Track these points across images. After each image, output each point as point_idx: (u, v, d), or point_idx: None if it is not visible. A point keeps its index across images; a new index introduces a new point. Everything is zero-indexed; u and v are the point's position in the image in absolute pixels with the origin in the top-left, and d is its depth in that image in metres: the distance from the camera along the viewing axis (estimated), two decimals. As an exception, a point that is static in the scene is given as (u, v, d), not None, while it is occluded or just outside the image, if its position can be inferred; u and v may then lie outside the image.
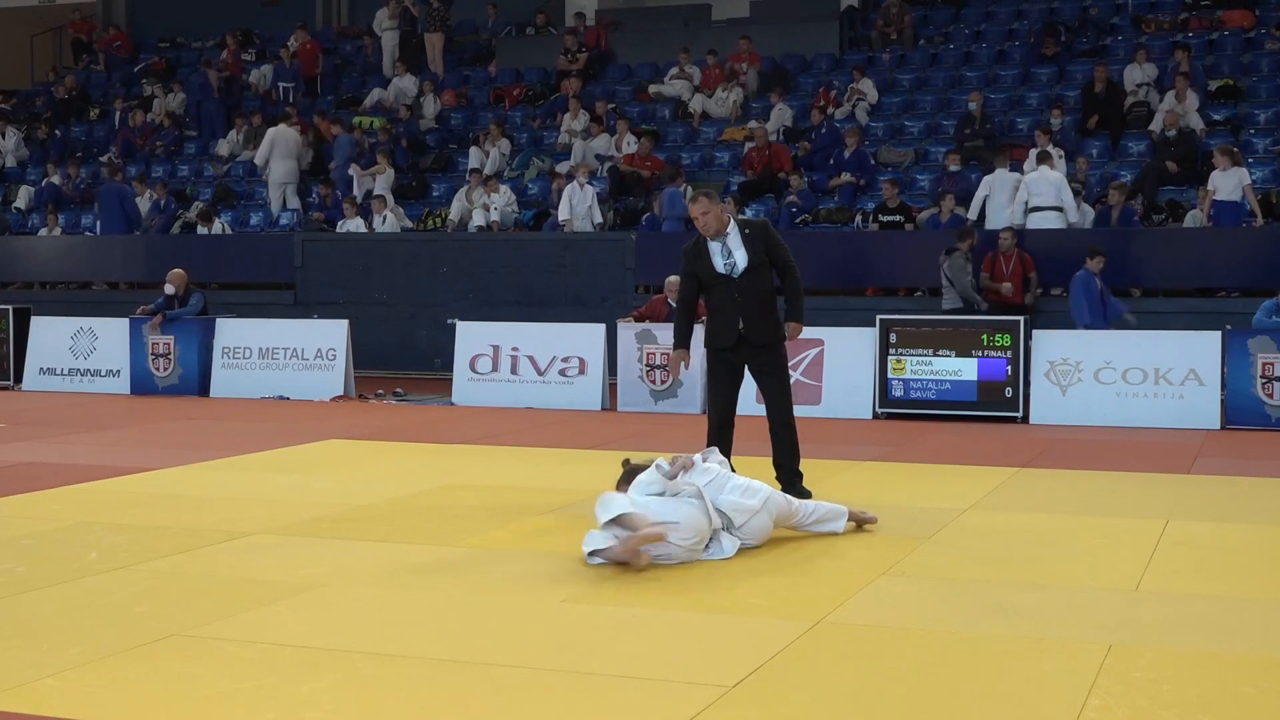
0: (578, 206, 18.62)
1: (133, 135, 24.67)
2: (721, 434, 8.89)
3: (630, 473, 7.41)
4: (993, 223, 16.91)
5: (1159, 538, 7.76)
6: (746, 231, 8.81)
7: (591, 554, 6.99)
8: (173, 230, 21.41)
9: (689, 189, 19.01)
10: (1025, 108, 20.54)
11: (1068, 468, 10.66)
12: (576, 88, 22.54)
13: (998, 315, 14.69)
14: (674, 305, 14.72)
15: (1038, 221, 16.62)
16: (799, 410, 9.66)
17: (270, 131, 21.96)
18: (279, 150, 21.67)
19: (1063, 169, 17.28)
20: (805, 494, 8.58)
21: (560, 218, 18.75)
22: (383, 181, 20.71)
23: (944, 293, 15.81)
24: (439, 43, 25.19)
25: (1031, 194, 16.75)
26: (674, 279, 14.83)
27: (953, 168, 18.21)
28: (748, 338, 8.77)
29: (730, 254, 8.76)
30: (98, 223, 21.63)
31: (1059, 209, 16.67)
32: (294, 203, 21.78)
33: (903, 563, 7.11)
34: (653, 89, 22.95)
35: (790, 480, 8.82)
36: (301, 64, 25.22)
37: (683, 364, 9.14)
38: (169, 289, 16.60)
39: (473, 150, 21.39)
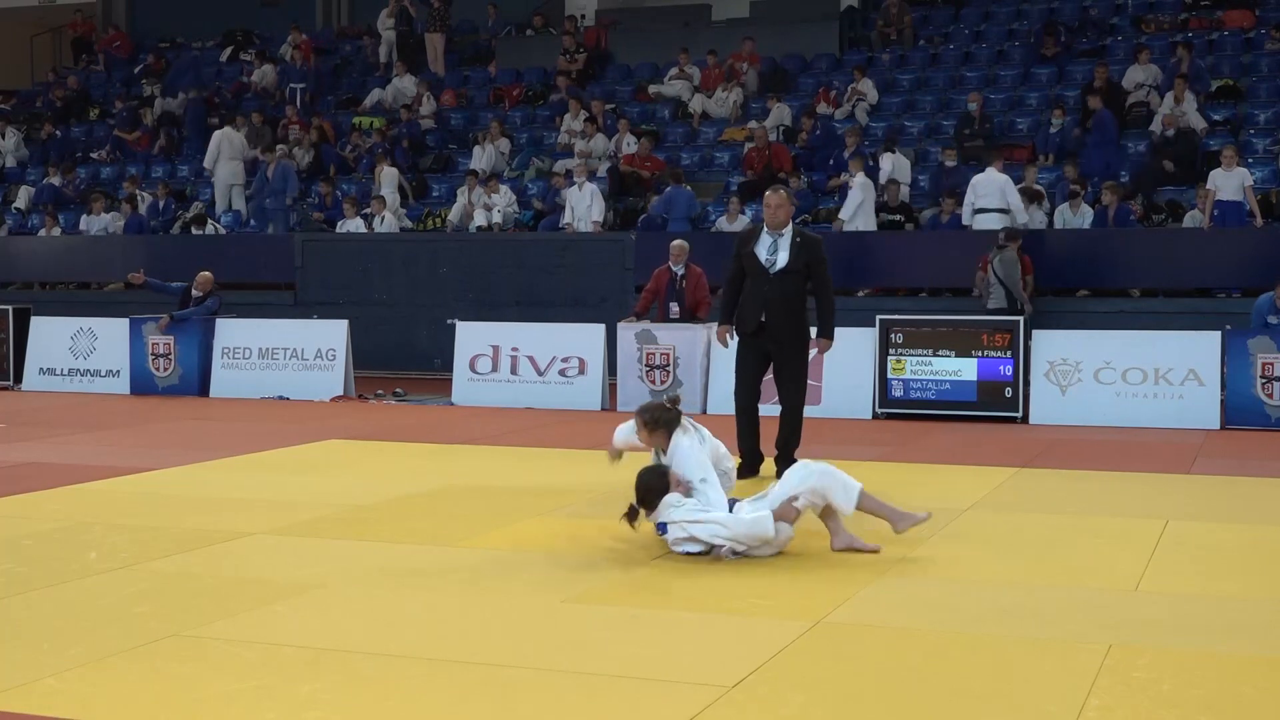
0: (578, 208, 18.65)
1: (126, 136, 24.72)
2: (746, 418, 9.56)
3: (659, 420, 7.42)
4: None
5: (1159, 538, 7.76)
6: (798, 239, 9.46)
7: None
8: (173, 230, 21.43)
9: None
10: (1025, 108, 20.54)
11: (1068, 468, 10.66)
12: (575, 88, 22.55)
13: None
14: (676, 272, 14.79)
15: (983, 223, 16.76)
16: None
17: (217, 134, 22.23)
18: (225, 152, 21.96)
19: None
20: None
21: (563, 221, 18.79)
22: (386, 182, 20.65)
23: (990, 291, 15.52)
24: (440, 43, 25.20)
25: (977, 195, 16.85)
26: (678, 243, 14.87)
27: (949, 163, 18.22)
28: (766, 329, 9.43)
29: (776, 251, 9.41)
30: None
31: (1004, 210, 16.78)
32: (239, 204, 21.92)
33: (902, 563, 7.11)
34: (652, 89, 22.95)
35: (784, 467, 9.09)
36: (306, 64, 25.29)
37: (728, 337, 9.86)
38: (197, 293, 16.66)
39: (476, 150, 21.38)
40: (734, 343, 9.82)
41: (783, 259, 9.36)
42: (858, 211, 17.59)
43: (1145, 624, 5.96)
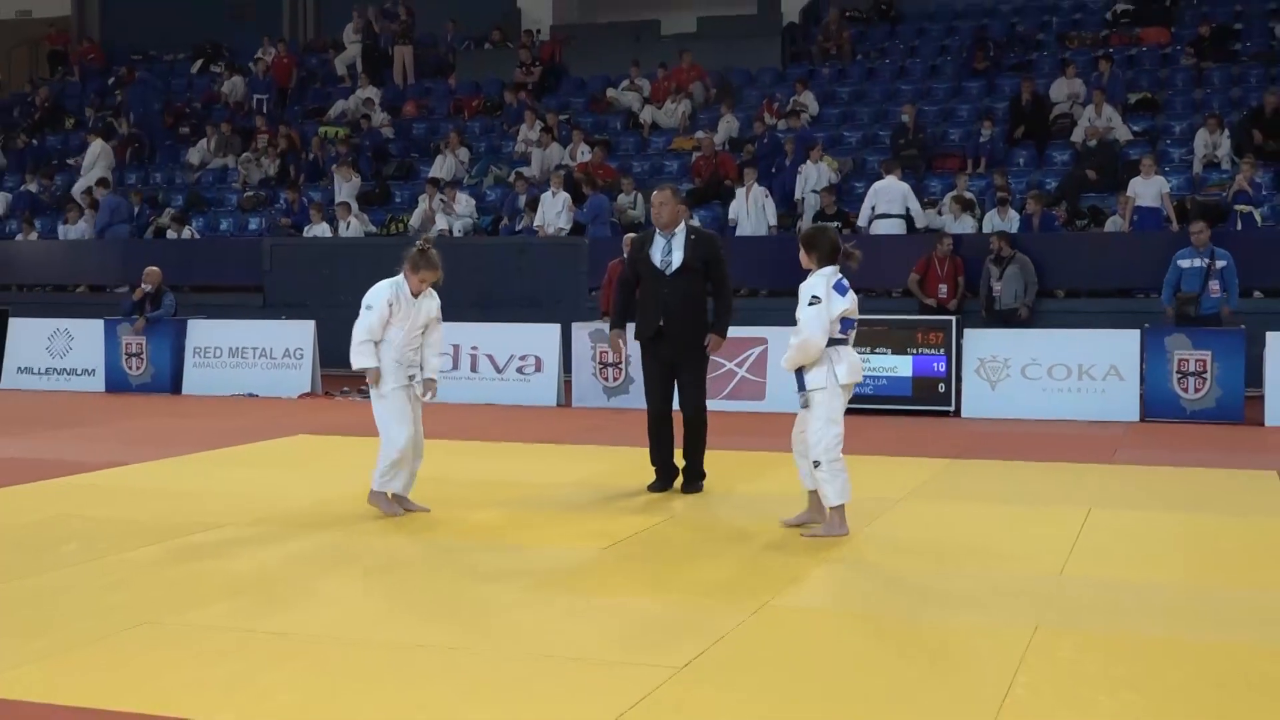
0: (548, 213, 18.64)
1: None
2: (660, 426, 8.94)
3: None
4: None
5: (1082, 525, 7.83)
6: (692, 237, 8.81)
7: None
8: (146, 235, 21.23)
9: (639, 195, 19.08)
10: (957, 119, 20.66)
11: (997, 459, 10.73)
12: (531, 99, 22.52)
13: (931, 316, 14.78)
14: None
15: (882, 228, 16.90)
16: (745, 405, 9.74)
17: (93, 145, 22.90)
18: (101, 163, 22.53)
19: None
20: (697, 489, 8.87)
21: (535, 223, 18.75)
22: (347, 189, 20.58)
23: (1002, 288, 15.47)
24: (409, 55, 25.13)
25: (879, 200, 17.01)
26: (630, 235, 14.95)
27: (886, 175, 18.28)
28: (666, 333, 8.77)
29: (670, 252, 8.76)
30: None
31: (903, 216, 16.96)
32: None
33: (842, 550, 7.14)
34: (610, 94, 22.95)
35: (691, 481, 8.95)
36: (275, 76, 25.12)
37: (621, 343, 9.20)
38: (146, 287, 16.43)
39: (437, 159, 21.29)
40: (636, 350, 9.17)
41: (677, 258, 8.71)
42: (749, 218, 17.79)
43: (1070, 607, 6.01)
